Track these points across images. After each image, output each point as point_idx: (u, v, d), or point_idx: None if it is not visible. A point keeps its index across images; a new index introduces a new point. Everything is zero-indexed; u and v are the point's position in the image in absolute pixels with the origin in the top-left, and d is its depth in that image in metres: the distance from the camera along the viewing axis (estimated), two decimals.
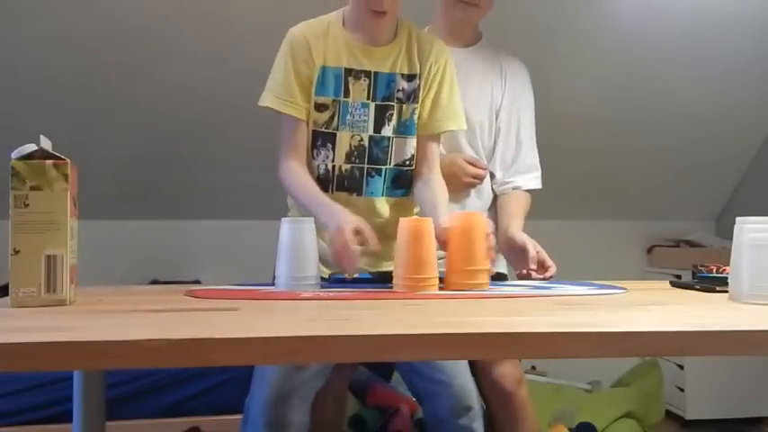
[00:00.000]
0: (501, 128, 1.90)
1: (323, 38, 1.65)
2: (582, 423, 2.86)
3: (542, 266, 1.57)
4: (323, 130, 1.66)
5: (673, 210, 3.95)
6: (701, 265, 1.50)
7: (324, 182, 1.68)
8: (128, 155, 3.28)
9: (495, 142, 1.91)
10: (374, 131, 1.67)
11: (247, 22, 2.91)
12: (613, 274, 1.95)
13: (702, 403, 3.44)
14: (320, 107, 1.65)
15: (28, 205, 1.11)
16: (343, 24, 1.67)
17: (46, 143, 1.15)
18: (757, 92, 3.47)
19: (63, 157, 1.15)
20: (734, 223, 1.24)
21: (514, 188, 1.88)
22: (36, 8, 2.74)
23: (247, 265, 2.64)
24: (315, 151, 1.68)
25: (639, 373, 3.23)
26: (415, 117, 1.69)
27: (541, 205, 1.97)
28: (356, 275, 1.48)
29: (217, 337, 0.85)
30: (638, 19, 3.12)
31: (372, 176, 1.68)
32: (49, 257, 1.11)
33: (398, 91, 1.68)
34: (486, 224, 1.40)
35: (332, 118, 1.65)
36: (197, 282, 3.07)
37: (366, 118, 1.67)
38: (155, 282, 3.21)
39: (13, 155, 1.13)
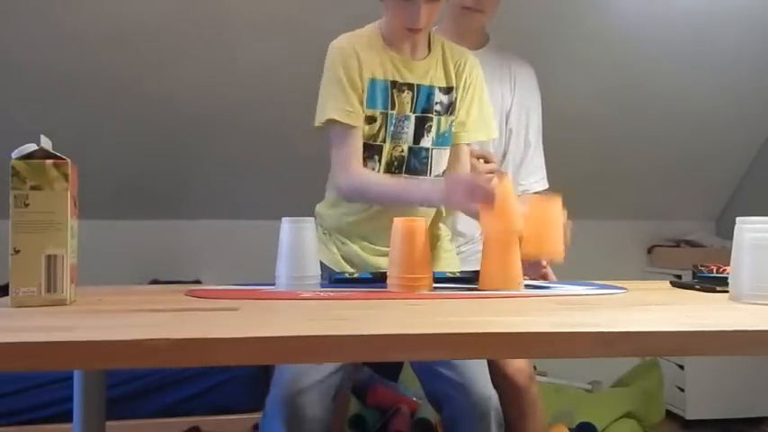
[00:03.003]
0: (512, 129, 1.94)
1: (368, 50, 1.67)
2: (582, 423, 2.86)
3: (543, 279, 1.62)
4: (371, 142, 1.68)
5: (673, 210, 3.95)
6: (702, 265, 1.50)
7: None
8: (128, 155, 3.28)
9: (505, 144, 1.94)
10: (414, 143, 1.70)
11: (248, 22, 2.91)
12: (614, 274, 1.95)
13: (702, 403, 3.44)
14: (369, 119, 1.66)
15: (28, 205, 1.11)
16: (382, 37, 1.70)
17: (46, 143, 1.15)
18: (758, 92, 3.47)
19: (63, 156, 1.15)
20: (734, 223, 1.24)
21: (523, 191, 1.90)
22: (36, 8, 2.74)
23: (248, 265, 2.65)
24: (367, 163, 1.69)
25: (640, 374, 3.23)
26: (453, 129, 1.73)
27: None
28: (356, 275, 1.48)
29: (217, 336, 0.85)
30: (639, 19, 3.12)
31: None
32: (49, 257, 1.11)
33: (437, 104, 1.71)
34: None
35: (379, 130, 1.67)
36: (197, 281, 3.07)
37: (407, 130, 1.69)
38: (155, 281, 3.21)
39: (14, 155, 1.13)
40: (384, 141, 1.68)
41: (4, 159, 1.19)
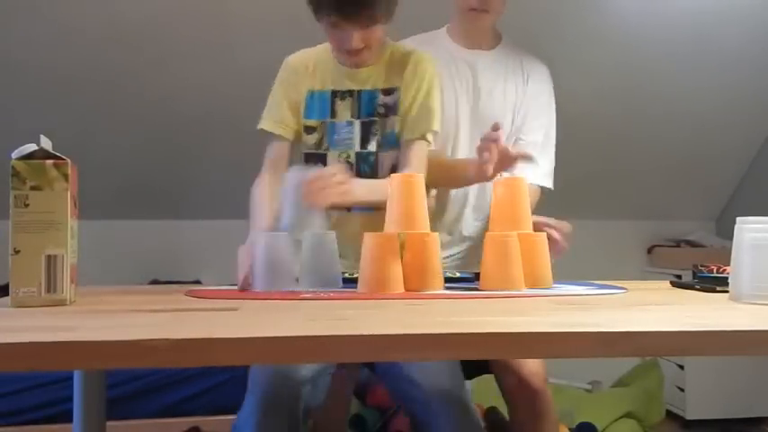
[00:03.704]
0: (520, 126, 1.94)
1: (313, 65, 1.75)
2: (582, 423, 2.86)
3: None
4: (313, 151, 1.74)
5: (673, 210, 3.95)
6: (702, 265, 1.50)
7: None
8: (128, 154, 3.28)
9: (513, 142, 1.92)
10: (360, 148, 1.73)
11: (248, 21, 2.91)
12: (614, 274, 1.95)
13: (703, 403, 3.44)
14: (309, 130, 1.74)
15: (28, 205, 1.11)
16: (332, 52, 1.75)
17: (46, 143, 1.15)
18: (758, 92, 3.47)
19: (63, 156, 1.15)
20: (734, 223, 1.24)
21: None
22: (36, 7, 2.74)
23: None
24: None
25: (640, 373, 3.23)
26: (396, 129, 1.73)
27: (542, 205, 1.97)
28: (356, 275, 1.48)
29: (217, 336, 0.85)
30: (639, 19, 3.12)
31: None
32: (49, 257, 1.11)
33: (380, 106, 1.74)
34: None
35: (321, 139, 1.73)
36: (197, 282, 3.07)
37: (352, 136, 1.73)
38: (155, 282, 3.21)
39: (14, 155, 1.13)
40: (327, 150, 1.73)
41: (4, 159, 1.19)
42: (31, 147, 1.14)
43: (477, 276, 1.42)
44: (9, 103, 2.98)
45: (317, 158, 1.73)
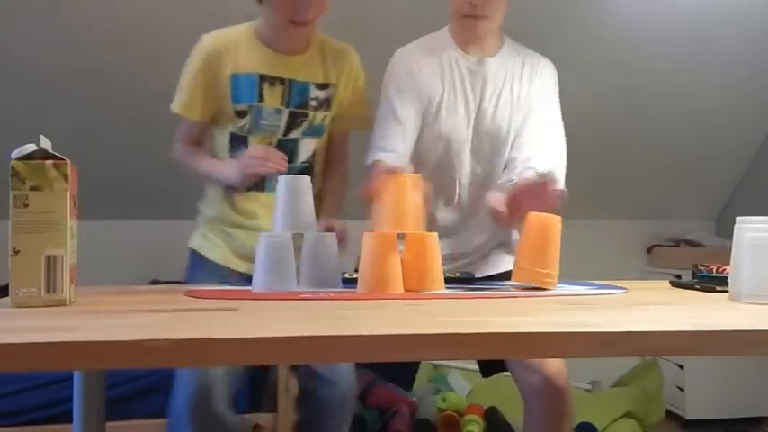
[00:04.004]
0: (524, 122, 1.87)
1: (234, 46, 1.73)
2: (582, 423, 2.86)
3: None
4: (238, 133, 1.76)
5: (673, 209, 3.95)
6: (701, 265, 1.50)
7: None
8: (127, 154, 3.28)
9: (513, 143, 1.86)
10: (283, 135, 1.76)
11: (248, 21, 2.91)
12: (613, 274, 1.95)
13: (702, 403, 3.44)
14: (241, 114, 1.74)
15: (28, 205, 1.11)
16: (257, 34, 1.76)
17: (46, 143, 1.15)
18: (757, 92, 3.47)
19: (63, 157, 1.15)
20: (734, 223, 1.24)
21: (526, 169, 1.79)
22: (36, 7, 2.74)
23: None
24: (231, 154, 1.78)
25: (639, 373, 3.24)
26: (326, 123, 1.80)
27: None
28: (356, 276, 1.48)
29: (217, 337, 0.85)
30: (639, 19, 3.12)
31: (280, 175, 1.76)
32: (49, 257, 1.11)
33: (313, 99, 1.77)
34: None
35: (249, 124, 1.74)
36: None
37: (279, 123, 1.75)
38: (155, 282, 3.21)
39: (13, 155, 1.13)
40: (251, 133, 1.74)
41: (4, 160, 1.19)
42: (31, 147, 1.14)
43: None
44: (9, 103, 2.98)
45: (238, 141, 1.76)
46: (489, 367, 1.96)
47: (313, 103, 1.77)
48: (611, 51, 3.21)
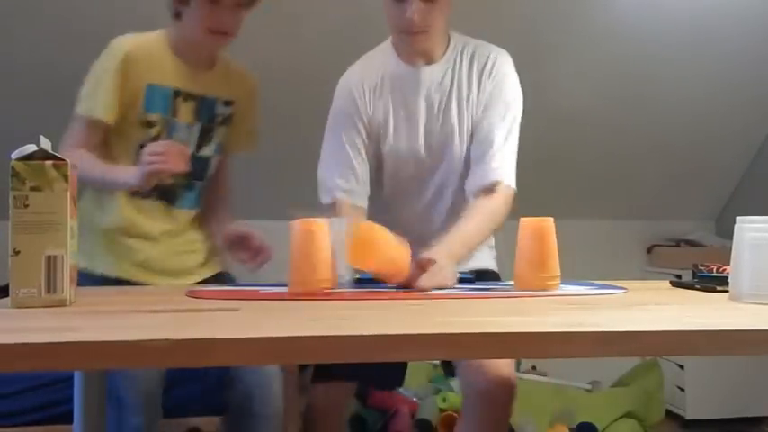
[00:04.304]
0: (479, 126, 1.77)
1: (150, 56, 1.73)
2: (582, 423, 2.86)
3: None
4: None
5: (673, 209, 3.95)
6: (702, 265, 1.50)
7: (140, 194, 1.74)
8: None
9: (465, 149, 1.78)
10: (195, 151, 1.78)
11: (249, 24, 2.91)
12: (613, 274, 1.95)
13: (703, 403, 3.44)
14: (148, 123, 1.73)
15: (28, 206, 1.12)
16: (170, 47, 1.76)
17: (46, 144, 1.15)
18: (757, 91, 3.47)
19: (63, 157, 1.15)
20: (734, 223, 1.24)
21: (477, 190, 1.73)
22: (37, 8, 2.74)
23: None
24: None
25: (640, 373, 3.23)
26: (223, 140, 1.84)
27: (542, 205, 1.97)
28: (357, 276, 1.48)
29: (217, 337, 0.85)
30: (638, 19, 3.13)
31: (190, 190, 1.82)
32: (49, 258, 1.11)
33: (218, 116, 1.81)
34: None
35: (158, 135, 1.73)
36: None
37: (191, 138, 1.77)
38: None
39: (13, 155, 1.13)
40: None
41: (4, 160, 1.19)
42: (31, 147, 1.14)
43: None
44: (9, 103, 2.98)
45: None
46: (453, 366, 1.89)
47: (218, 119, 1.81)
48: (610, 51, 3.21)
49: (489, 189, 1.70)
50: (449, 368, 1.80)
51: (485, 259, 1.85)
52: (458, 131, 1.76)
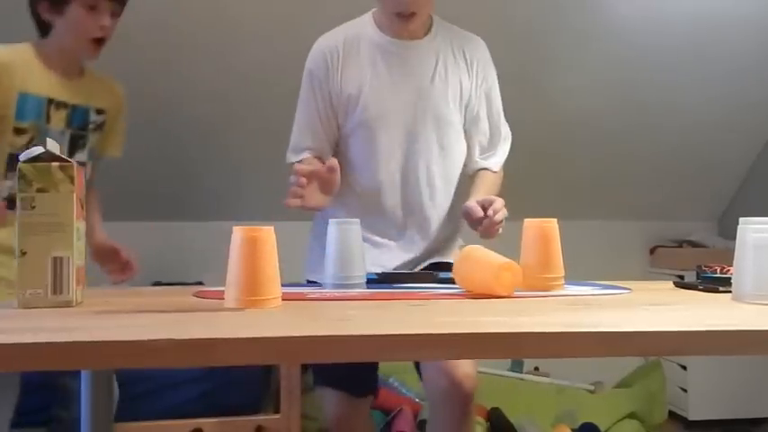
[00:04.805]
0: (476, 116, 1.86)
1: (20, 66, 1.75)
2: (585, 424, 2.86)
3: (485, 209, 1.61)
4: (19, 153, 1.71)
5: (675, 210, 3.95)
6: (705, 266, 1.50)
7: (13, 202, 1.73)
8: (130, 156, 3.27)
9: (467, 133, 1.87)
10: (68, 156, 1.76)
11: (251, 23, 2.92)
12: (616, 275, 1.95)
13: (705, 404, 3.44)
14: (19, 131, 1.75)
15: (35, 207, 1.12)
16: (40, 57, 1.79)
17: (53, 146, 1.16)
18: (759, 92, 3.47)
19: (69, 159, 1.16)
20: (737, 223, 1.24)
21: (482, 168, 1.88)
22: None
23: None
24: (10, 174, 1.76)
25: (642, 374, 3.23)
26: (94, 145, 1.89)
27: (544, 206, 1.97)
28: (376, 275, 1.50)
29: (221, 337, 0.85)
30: (640, 21, 3.13)
31: None
32: (55, 259, 1.12)
33: (91, 123, 1.86)
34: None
35: (29, 143, 1.74)
36: (200, 283, 3.08)
37: (62, 144, 1.79)
38: (157, 283, 3.22)
39: (21, 157, 1.14)
40: None
41: None
42: (38, 149, 1.15)
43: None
44: None
45: (18, 161, 1.75)
46: None
47: (91, 126, 1.86)
48: (613, 52, 3.21)
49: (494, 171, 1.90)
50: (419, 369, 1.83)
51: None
52: (444, 109, 1.80)
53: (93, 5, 1.72)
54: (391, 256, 1.81)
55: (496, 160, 1.90)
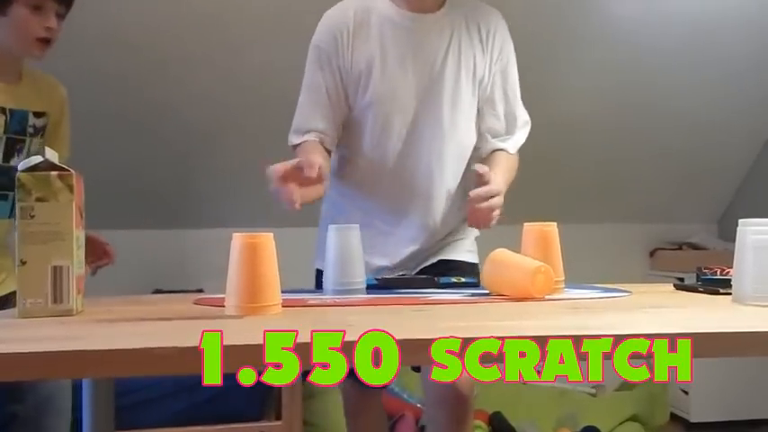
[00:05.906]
0: (491, 95, 1.79)
1: None
2: (586, 427, 2.86)
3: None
4: None
5: (675, 212, 3.95)
6: (705, 268, 1.50)
7: None
8: (129, 163, 3.28)
9: (480, 112, 1.80)
10: (3, 162, 1.78)
11: (249, 29, 2.92)
12: (616, 278, 1.95)
13: (707, 405, 3.43)
14: None
15: (34, 216, 1.12)
16: None
17: (51, 155, 1.16)
18: (759, 94, 3.48)
19: (68, 168, 1.16)
20: (736, 225, 1.24)
21: (497, 149, 1.79)
22: None
23: None
24: None
25: None
26: (38, 147, 1.83)
27: (544, 208, 1.97)
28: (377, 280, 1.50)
29: (224, 344, 0.85)
30: (638, 24, 3.14)
31: (3, 200, 1.81)
32: (55, 268, 1.12)
33: (30, 127, 1.81)
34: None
35: None
36: (200, 291, 3.07)
37: None
38: (157, 291, 3.22)
39: (20, 167, 1.14)
40: None
41: None
42: (37, 158, 1.15)
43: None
44: None
45: None
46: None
47: (30, 130, 1.82)
48: (613, 55, 3.22)
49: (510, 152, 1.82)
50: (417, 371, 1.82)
51: (462, 253, 1.84)
52: (452, 87, 1.73)
53: (37, 6, 1.68)
54: (397, 245, 1.76)
55: (513, 143, 1.81)
